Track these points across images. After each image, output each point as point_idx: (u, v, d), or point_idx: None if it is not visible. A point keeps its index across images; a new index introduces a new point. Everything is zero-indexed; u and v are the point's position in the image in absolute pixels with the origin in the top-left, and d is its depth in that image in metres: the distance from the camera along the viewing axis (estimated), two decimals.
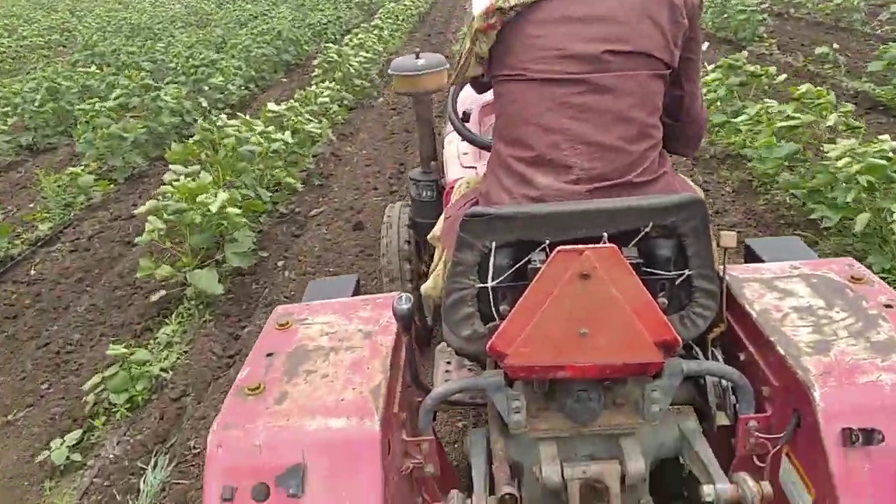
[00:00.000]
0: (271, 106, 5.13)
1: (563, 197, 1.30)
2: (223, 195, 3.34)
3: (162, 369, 2.90)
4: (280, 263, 3.94)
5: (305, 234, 4.34)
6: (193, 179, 3.53)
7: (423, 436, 1.32)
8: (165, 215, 3.30)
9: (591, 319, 1.13)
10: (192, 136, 4.59)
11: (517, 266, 1.23)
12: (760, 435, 1.26)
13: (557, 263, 1.11)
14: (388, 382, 1.25)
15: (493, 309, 1.27)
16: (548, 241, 1.20)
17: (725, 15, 8.91)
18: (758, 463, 1.27)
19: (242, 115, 4.75)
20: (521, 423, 1.28)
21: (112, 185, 5.38)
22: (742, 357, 1.38)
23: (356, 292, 1.75)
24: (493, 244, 1.22)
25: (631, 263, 1.14)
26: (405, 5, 15.01)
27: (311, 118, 5.42)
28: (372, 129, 6.73)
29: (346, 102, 7.25)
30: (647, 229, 1.20)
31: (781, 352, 1.23)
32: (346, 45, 8.94)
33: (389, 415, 1.22)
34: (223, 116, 4.51)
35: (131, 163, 5.61)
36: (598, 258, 1.09)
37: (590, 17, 1.29)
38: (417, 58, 2.57)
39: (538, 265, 1.18)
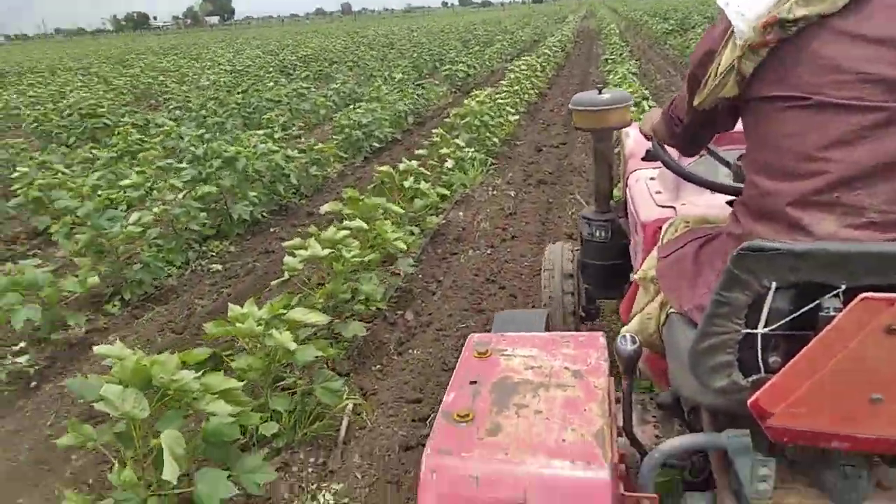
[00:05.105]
0: None
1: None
2: None
3: None
4: None
5: None
6: None
7: (645, 492, 1.22)
8: None
9: (888, 384, 0.98)
10: None
11: (801, 312, 1.07)
12: None
13: (859, 312, 0.96)
14: (609, 429, 1.17)
15: (760, 360, 1.12)
16: (843, 287, 1.04)
17: None
18: None
19: None
20: (767, 494, 1.15)
21: None
22: None
23: (547, 327, 1.67)
24: (774, 284, 1.07)
25: None
26: (508, 87, 9.89)
27: None
28: None
29: None
30: None
31: None
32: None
33: (613, 465, 1.13)
34: None
35: None
36: None
37: (892, 38, 1.13)
38: (600, 93, 2.53)
39: (831, 313, 1.02)
